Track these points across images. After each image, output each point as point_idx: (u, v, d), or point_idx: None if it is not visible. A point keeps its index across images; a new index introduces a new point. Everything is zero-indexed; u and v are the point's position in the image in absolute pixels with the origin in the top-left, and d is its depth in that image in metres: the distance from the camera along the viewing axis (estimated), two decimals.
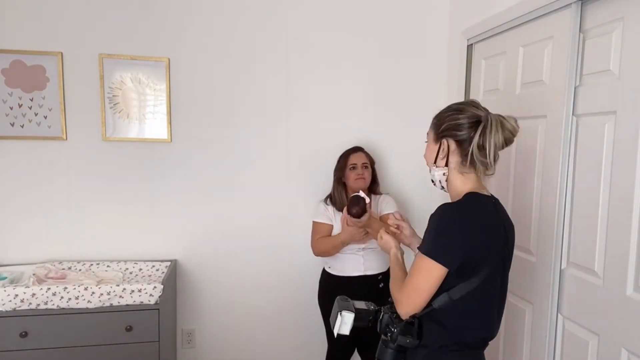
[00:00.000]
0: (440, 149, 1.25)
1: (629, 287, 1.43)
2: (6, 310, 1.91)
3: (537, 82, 1.84)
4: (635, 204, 1.40)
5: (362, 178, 2.16)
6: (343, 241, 2.05)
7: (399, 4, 2.54)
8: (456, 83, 2.46)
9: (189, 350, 2.55)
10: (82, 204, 2.35)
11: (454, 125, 1.22)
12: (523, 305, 1.91)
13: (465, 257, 1.14)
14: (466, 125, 1.20)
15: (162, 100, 2.37)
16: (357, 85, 2.55)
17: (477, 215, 1.18)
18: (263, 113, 2.48)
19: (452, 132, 1.23)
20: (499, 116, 1.20)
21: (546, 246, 1.76)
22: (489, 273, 1.17)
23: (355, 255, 2.14)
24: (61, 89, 2.27)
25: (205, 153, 2.44)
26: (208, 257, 2.51)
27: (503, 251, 1.22)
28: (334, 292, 2.10)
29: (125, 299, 1.99)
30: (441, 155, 1.25)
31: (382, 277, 2.14)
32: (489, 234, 1.18)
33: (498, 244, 1.19)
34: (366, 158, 2.23)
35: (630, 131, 1.42)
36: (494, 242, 1.18)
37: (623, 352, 1.45)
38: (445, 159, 1.24)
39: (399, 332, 1.21)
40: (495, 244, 1.19)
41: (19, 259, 2.31)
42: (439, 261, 1.14)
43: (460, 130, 1.21)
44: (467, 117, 1.21)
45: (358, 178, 2.16)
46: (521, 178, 1.93)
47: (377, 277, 2.14)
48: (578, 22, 1.62)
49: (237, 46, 2.42)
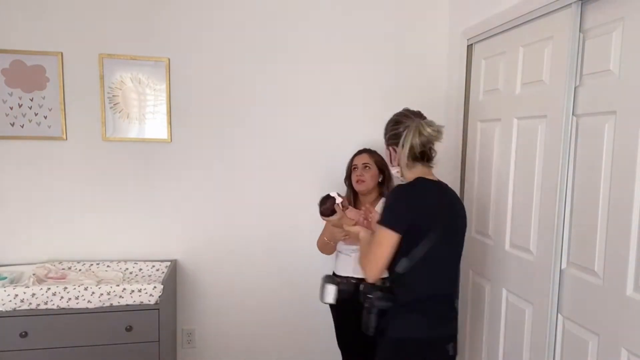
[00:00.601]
0: (390, 154, 1.62)
1: (629, 287, 1.43)
2: (6, 310, 1.91)
3: (537, 82, 1.83)
4: (635, 204, 1.40)
5: (361, 180, 2.13)
6: (327, 239, 2.15)
7: (399, 4, 2.54)
8: (456, 83, 2.46)
9: (189, 350, 2.55)
10: (82, 204, 2.35)
11: (393, 135, 1.59)
12: (523, 305, 1.91)
13: (411, 222, 1.44)
14: (396, 135, 1.57)
15: (162, 100, 2.37)
16: (357, 85, 2.55)
17: (421, 191, 1.50)
18: (263, 113, 2.48)
19: (392, 141, 1.60)
20: (420, 123, 1.53)
21: (546, 246, 1.76)
22: (437, 238, 1.44)
23: (347, 257, 2.15)
24: (61, 89, 2.27)
25: (205, 153, 2.45)
26: (208, 257, 2.51)
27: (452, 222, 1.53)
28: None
29: (125, 299, 1.99)
30: (393, 158, 1.61)
31: None
32: (431, 206, 1.48)
33: (444, 214, 1.49)
34: (369, 158, 2.17)
35: (630, 131, 1.42)
36: (437, 213, 1.48)
37: (623, 352, 1.45)
38: (397, 160, 1.58)
39: (375, 297, 1.50)
40: (440, 214, 1.48)
41: (19, 259, 2.31)
42: (390, 227, 1.45)
43: (397, 138, 1.56)
44: (401, 126, 1.56)
45: (358, 180, 2.14)
46: (521, 178, 1.93)
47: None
48: (578, 22, 1.62)
49: (237, 46, 2.42)
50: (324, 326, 2.61)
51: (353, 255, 2.11)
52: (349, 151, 2.57)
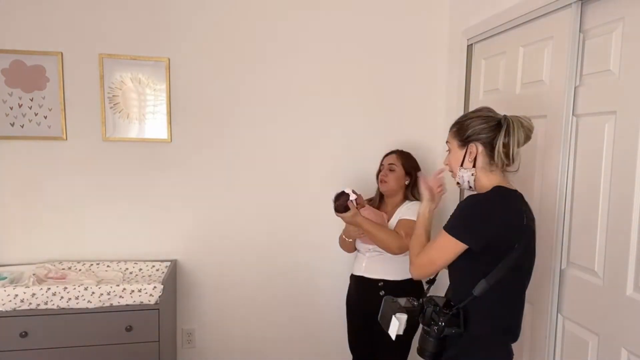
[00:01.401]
0: (468, 152, 1.37)
1: (629, 287, 1.43)
2: (6, 310, 1.91)
3: (537, 82, 1.83)
4: (635, 204, 1.40)
5: (384, 180, 2.11)
6: (344, 236, 2.13)
7: (399, 4, 2.54)
8: (456, 83, 2.46)
9: (189, 350, 2.55)
10: (82, 204, 2.35)
11: (480, 130, 1.35)
12: None
13: (490, 239, 1.26)
14: (490, 129, 1.34)
15: (162, 100, 2.37)
16: (357, 84, 2.54)
17: (502, 203, 1.30)
18: (263, 113, 2.48)
19: (478, 136, 1.36)
20: (516, 117, 1.35)
21: (546, 246, 1.76)
22: (517, 258, 1.27)
23: (362, 256, 2.14)
24: (61, 89, 2.27)
25: (205, 153, 2.45)
26: (208, 257, 2.51)
27: (530, 241, 1.32)
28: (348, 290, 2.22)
29: (125, 299, 1.99)
30: (469, 159, 1.37)
31: (384, 284, 2.03)
32: (513, 221, 1.28)
33: (524, 231, 1.28)
34: (396, 159, 2.12)
35: (630, 131, 1.42)
36: (519, 228, 1.28)
37: (623, 352, 1.45)
38: (473, 161, 1.37)
39: (445, 324, 1.30)
40: (521, 230, 1.28)
41: (19, 259, 2.31)
42: (458, 238, 1.28)
43: (485, 134, 1.34)
44: (489, 121, 1.35)
45: (381, 180, 2.13)
46: (521, 178, 1.93)
47: (377, 282, 2.05)
48: (578, 22, 1.62)
49: (237, 46, 2.42)
50: (324, 326, 2.62)
51: (367, 254, 2.09)
52: (348, 151, 2.57)
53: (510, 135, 1.31)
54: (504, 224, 1.27)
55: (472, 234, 1.28)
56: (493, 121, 1.35)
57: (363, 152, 2.55)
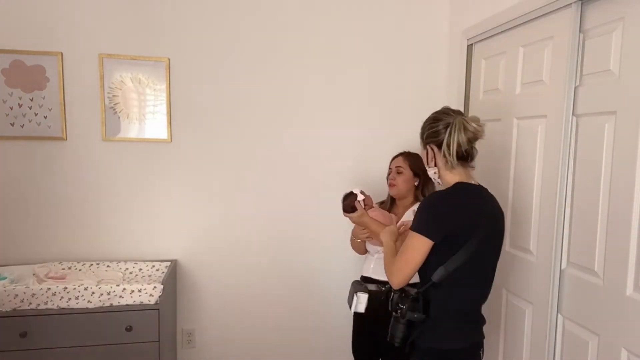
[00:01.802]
0: (428, 153, 1.51)
1: (629, 287, 1.43)
2: (6, 310, 1.91)
3: (537, 82, 1.83)
4: (635, 204, 1.40)
5: (393, 184, 2.05)
6: (353, 235, 2.12)
7: (399, 3, 2.54)
8: (456, 83, 2.46)
9: (189, 350, 2.55)
10: (81, 204, 2.35)
11: (430, 133, 1.49)
12: (523, 305, 1.91)
13: (447, 231, 1.37)
14: (438, 131, 1.46)
15: (162, 100, 2.37)
16: (357, 84, 2.55)
17: (461, 198, 1.42)
18: (263, 113, 2.48)
19: (430, 139, 1.49)
20: (463, 119, 1.44)
21: (546, 246, 1.76)
22: (476, 247, 1.37)
23: (371, 257, 2.11)
24: (61, 89, 2.27)
25: (205, 153, 2.45)
26: (208, 257, 2.51)
27: (492, 229, 1.43)
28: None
29: (125, 299, 1.99)
30: (429, 158, 1.51)
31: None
32: (472, 213, 1.40)
33: (484, 222, 1.40)
34: (403, 162, 2.06)
35: (630, 131, 1.42)
36: (478, 219, 1.39)
37: (623, 352, 1.45)
38: (434, 160, 1.50)
39: (407, 308, 1.41)
40: (481, 221, 1.39)
41: (19, 259, 2.31)
42: (423, 234, 1.38)
43: (434, 137, 1.48)
44: (442, 123, 1.46)
45: (390, 183, 2.07)
46: (521, 178, 1.93)
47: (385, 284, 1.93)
48: (578, 22, 1.62)
49: (237, 46, 2.42)
50: (325, 326, 2.62)
51: (376, 256, 2.06)
52: (348, 151, 2.57)
53: (450, 138, 1.42)
54: (458, 217, 1.39)
55: (431, 229, 1.38)
56: (441, 124, 1.46)
57: (364, 152, 2.55)
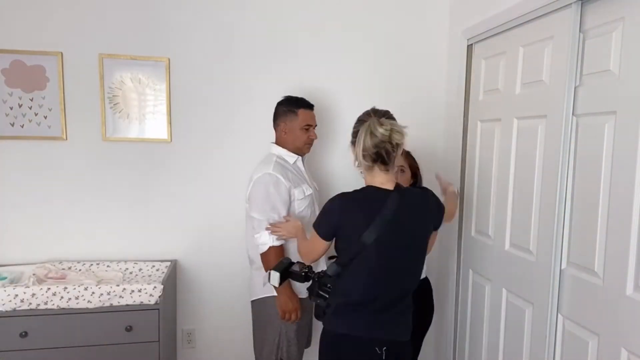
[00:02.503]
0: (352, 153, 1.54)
1: (629, 287, 1.43)
2: (6, 310, 1.91)
3: (537, 82, 1.83)
4: (635, 204, 1.40)
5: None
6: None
7: (399, 3, 2.54)
8: (456, 83, 2.46)
9: (189, 350, 2.55)
10: (82, 204, 2.35)
11: (353, 133, 1.54)
12: (523, 305, 1.91)
13: (336, 230, 1.49)
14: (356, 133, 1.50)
15: (162, 100, 2.37)
16: (357, 84, 2.55)
17: (357, 201, 1.48)
18: (263, 113, 2.48)
19: (352, 139, 1.54)
20: (375, 124, 1.45)
21: (546, 246, 1.76)
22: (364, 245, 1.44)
23: None
24: (61, 89, 2.27)
25: (205, 153, 2.45)
26: (208, 257, 2.51)
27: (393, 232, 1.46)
28: None
29: (125, 299, 1.99)
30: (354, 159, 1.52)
31: None
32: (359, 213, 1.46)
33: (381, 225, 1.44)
34: (404, 161, 2.00)
35: (630, 131, 1.42)
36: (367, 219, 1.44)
37: (623, 352, 1.45)
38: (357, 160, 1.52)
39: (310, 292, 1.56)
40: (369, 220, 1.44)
41: (19, 259, 2.31)
42: (318, 232, 1.54)
43: (354, 137, 1.52)
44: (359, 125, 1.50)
45: None
46: (521, 178, 1.93)
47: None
48: (578, 22, 1.62)
49: (237, 46, 2.42)
50: None
51: None
52: (348, 151, 2.56)
53: (357, 143, 1.46)
54: (347, 217, 1.47)
55: (322, 227, 1.53)
56: (359, 125, 1.50)
57: None
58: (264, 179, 1.92)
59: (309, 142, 2.07)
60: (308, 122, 2.04)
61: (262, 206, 1.91)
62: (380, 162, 1.48)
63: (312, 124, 2.07)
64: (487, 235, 2.18)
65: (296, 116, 2.02)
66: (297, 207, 1.99)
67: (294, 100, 2.06)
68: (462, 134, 2.39)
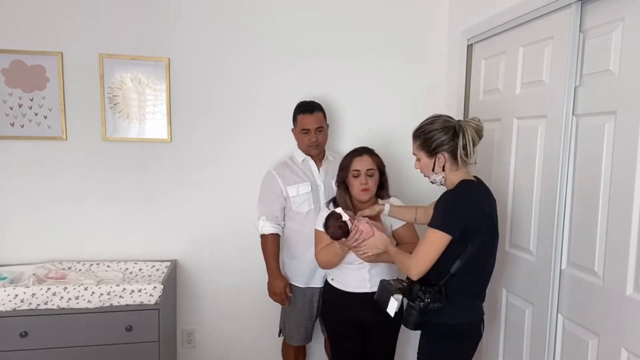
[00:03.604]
0: (437, 161, 1.59)
1: (629, 287, 1.43)
2: (6, 310, 1.91)
3: (537, 82, 1.83)
4: (635, 204, 1.41)
5: (367, 189, 1.86)
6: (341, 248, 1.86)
7: (399, 4, 2.54)
8: (456, 83, 2.46)
9: (189, 350, 2.55)
10: (82, 204, 2.35)
11: (442, 142, 1.56)
12: (523, 305, 1.91)
13: (465, 226, 1.49)
14: (450, 138, 1.55)
15: (162, 100, 2.37)
16: (357, 84, 2.54)
17: (470, 195, 1.54)
18: (263, 113, 2.48)
19: (442, 147, 1.56)
20: (466, 121, 1.57)
21: (546, 246, 1.76)
22: (483, 238, 1.52)
23: (361, 269, 1.91)
24: (61, 89, 2.27)
25: (205, 153, 2.45)
26: (208, 257, 2.51)
27: (493, 219, 1.57)
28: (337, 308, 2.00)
29: (125, 299, 1.99)
30: (439, 165, 1.59)
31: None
32: (480, 208, 1.53)
33: (488, 215, 1.55)
34: (373, 163, 1.90)
35: (630, 131, 1.42)
36: (484, 214, 1.54)
37: (623, 352, 1.45)
38: (442, 166, 1.58)
39: (430, 300, 1.53)
40: (485, 215, 1.54)
41: (19, 259, 2.31)
42: (445, 231, 1.49)
43: (447, 144, 1.56)
44: (447, 131, 1.56)
45: (363, 189, 1.86)
46: (521, 178, 1.93)
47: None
48: (578, 22, 1.62)
49: (237, 46, 2.42)
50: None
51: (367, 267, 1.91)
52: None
53: (466, 139, 1.53)
54: (474, 211, 1.52)
55: (452, 225, 1.50)
56: (450, 130, 1.55)
57: None
58: (265, 176, 2.25)
59: (311, 145, 2.17)
60: (304, 127, 2.16)
61: (260, 198, 2.27)
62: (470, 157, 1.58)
63: (310, 127, 2.15)
64: None
65: (296, 121, 2.21)
66: (293, 204, 2.18)
67: (297, 106, 2.23)
68: None
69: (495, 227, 1.60)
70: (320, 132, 2.17)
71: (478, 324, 1.64)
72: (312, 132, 2.14)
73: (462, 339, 1.61)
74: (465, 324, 1.60)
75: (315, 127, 2.14)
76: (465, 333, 1.61)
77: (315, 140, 2.15)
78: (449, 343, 1.61)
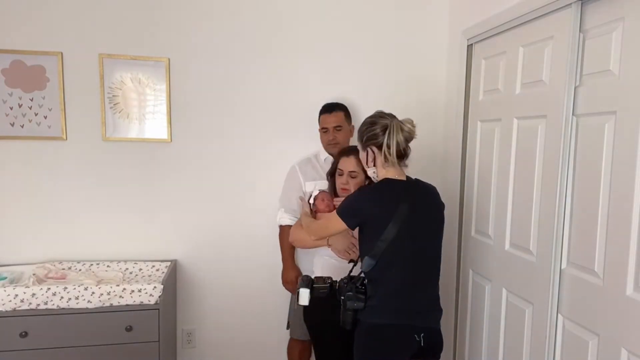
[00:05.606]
0: (368, 155, 1.66)
1: (629, 287, 1.43)
2: (6, 310, 1.91)
3: (537, 82, 1.83)
4: (635, 204, 1.40)
5: (346, 189, 1.89)
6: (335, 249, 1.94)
7: (399, 3, 2.54)
8: (456, 83, 2.46)
9: (189, 350, 2.55)
10: (82, 204, 2.35)
11: (370, 136, 1.62)
12: (523, 305, 1.91)
13: (364, 221, 1.58)
14: (377, 134, 1.60)
15: (162, 100, 2.37)
16: (357, 84, 2.55)
17: (381, 192, 1.60)
18: (263, 113, 2.48)
19: (370, 141, 1.63)
20: (399, 122, 1.61)
21: (546, 246, 1.76)
22: (394, 237, 1.54)
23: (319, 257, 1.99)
24: (61, 89, 2.27)
25: (205, 153, 2.45)
26: (208, 257, 2.51)
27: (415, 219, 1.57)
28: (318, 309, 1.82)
29: (125, 299, 1.99)
30: (369, 159, 1.66)
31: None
32: (389, 204, 1.57)
33: (403, 213, 1.55)
34: (357, 165, 1.86)
35: (630, 131, 1.42)
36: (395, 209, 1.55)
37: (623, 352, 1.45)
38: (374, 161, 1.64)
39: (346, 298, 1.57)
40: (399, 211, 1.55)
41: (19, 259, 2.31)
42: (341, 218, 1.60)
43: (374, 139, 1.61)
44: (375, 127, 1.61)
45: (342, 188, 1.91)
46: (521, 178, 1.93)
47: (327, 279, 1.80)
48: (578, 22, 1.62)
49: (237, 46, 2.42)
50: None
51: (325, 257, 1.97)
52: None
53: (391, 139, 1.57)
54: (374, 207, 1.57)
55: (348, 216, 1.60)
56: (379, 127, 1.60)
57: None
58: (290, 169, 2.34)
59: (330, 143, 2.24)
60: (323, 125, 2.27)
61: (283, 190, 2.35)
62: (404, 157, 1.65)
63: (328, 126, 2.24)
64: (487, 235, 2.18)
65: (319, 120, 2.31)
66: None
67: (322, 106, 2.32)
68: (462, 134, 2.39)
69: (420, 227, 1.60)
70: (339, 131, 2.23)
71: (407, 331, 1.56)
72: (331, 131, 2.23)
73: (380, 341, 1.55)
74: (385, 325, 1.56)
75: (334, 125, 2.23)
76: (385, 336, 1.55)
77: (333, 139, 2.22)
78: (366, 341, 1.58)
